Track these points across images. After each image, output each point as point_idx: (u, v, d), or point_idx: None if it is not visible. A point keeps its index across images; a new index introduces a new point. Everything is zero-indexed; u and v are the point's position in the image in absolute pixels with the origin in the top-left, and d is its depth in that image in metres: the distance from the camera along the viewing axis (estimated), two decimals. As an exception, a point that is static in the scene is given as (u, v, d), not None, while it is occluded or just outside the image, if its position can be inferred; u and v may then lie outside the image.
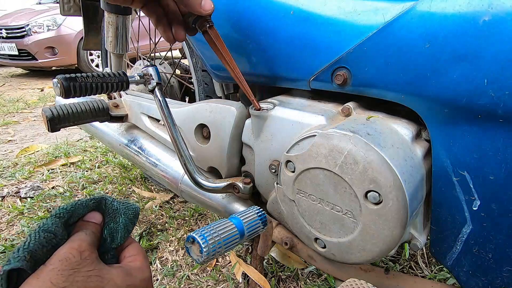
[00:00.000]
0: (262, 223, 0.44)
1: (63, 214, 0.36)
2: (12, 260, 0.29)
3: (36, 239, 0.31)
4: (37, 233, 0.32)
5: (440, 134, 0.44)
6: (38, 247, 0.31)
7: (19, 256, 0.30)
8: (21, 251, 0.30)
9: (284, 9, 0.55)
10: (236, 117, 0.62)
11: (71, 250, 0.31)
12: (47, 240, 0.32)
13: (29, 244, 0.31)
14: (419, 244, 0.50)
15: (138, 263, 0.37)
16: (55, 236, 0.33)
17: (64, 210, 0.36)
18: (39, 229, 0.33)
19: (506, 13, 0.35)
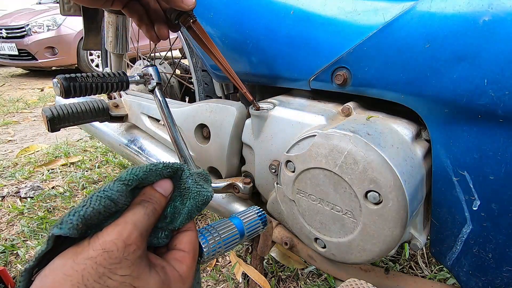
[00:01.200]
0: (262, 223, 0.44)
1: (132, 181, 0.30)
2: (64, 225, 0.26)
3: (95, 206, 0.27)
4: (98, 198, 0.28)
5: (440, 134, 0.44)
6: (94, 215, 0.27)
7: (72, 224, 0.26)
8: (76, 218, 0.26)
9: (284, 9, 0.55)
10: (236, 117, 0.62)
11: (118, 240, 0.27)
12: (106, 208, 0.28)
13: (86, 211, 0.27)
14: (419, 244, 0.50)
15: (183, 268, 0.32)
16: (116, 205, 0.29)
17: (135, 177, 0.31)
18: (102, 195, 0.28)
19: (506, 13, 0.35)
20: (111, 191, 0.29)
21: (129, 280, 0.26)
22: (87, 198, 0.28)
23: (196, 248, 0.34)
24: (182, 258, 0.32)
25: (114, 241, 0.26)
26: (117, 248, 0.26)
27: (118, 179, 0.30)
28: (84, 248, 0.26)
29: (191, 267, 0.32)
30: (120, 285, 0.26)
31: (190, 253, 0.33)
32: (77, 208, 0.27)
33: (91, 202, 0.27)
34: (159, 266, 0.30)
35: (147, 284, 0.27)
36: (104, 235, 0.27)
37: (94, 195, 0.28)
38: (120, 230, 0.27)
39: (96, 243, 0.26)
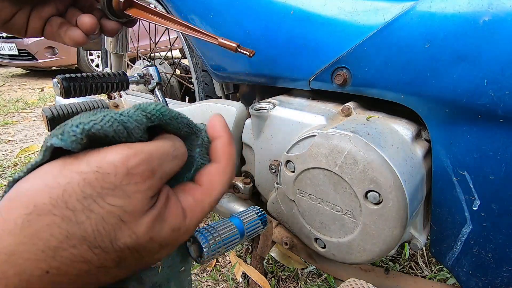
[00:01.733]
0: (262, 223, 0.44)
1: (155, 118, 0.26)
2: (66, 137, 0.21)
3: (104, 126, 0.22)
4: (111, 120, 0.23)
5: (440, 134, 0.44)
6: (100, 135, 0.23)
7: (76, 137, 0.21)
8: (80, 130, 0.22)
9: (284, 9, 0.55)
10: (236, 117, 0.62)
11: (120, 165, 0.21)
12: (115, 134, 0.23)
13: (93, 126, 0.22)
14: (419, 244, 0.50)
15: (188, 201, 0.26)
16: (129, 136, 0.24)
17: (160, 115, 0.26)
18: (117, 118, 0.23)
19: (506, 13, 0.35)
20: (129, 117, 0.24)
21: (119, 212, 0.21)
22: (100, 114, 0.23)
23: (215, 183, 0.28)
24: (190, 190, 0.27)
25: (114, 164, 0.21)
26: (115, 172, 0.21)
27: (141, 108, 0.25)
28: (78, 159, 0.21)
29: (200, 201, 0.26)
30: (106, 214, 0.21)
31: (203, 186, 0.27)
32: (83, 120, 0.22)
33: (102, 120, 0.23)
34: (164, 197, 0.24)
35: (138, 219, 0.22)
36: (106, 153, 0.22)
37: (108, 115, 0.23)
38: (128, 155, 0.22)
39: (93, 158, 0.21)
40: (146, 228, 0.22)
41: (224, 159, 0.29)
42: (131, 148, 0.22)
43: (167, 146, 0.25)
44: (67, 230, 0.20)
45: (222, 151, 0.29)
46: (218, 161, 0.29)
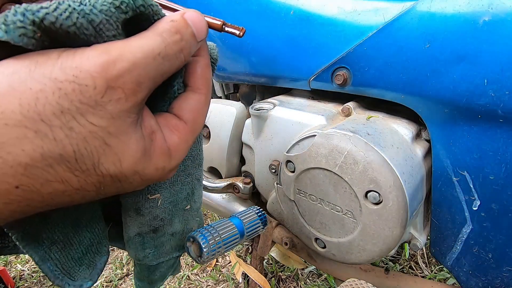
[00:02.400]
0: (262, 223, 0.44)
1: (127, 7, 0.20)
2: (11, 27, 0.17)
3: (60, 17, 0.18)
4: (69, 9, 0.18)
5: (440, 134, 0.44)
6: (58, 30, 0.18)
7: (26, 29, 0.17)
8: (29, 21, 0.17)
9: (284, 9, 0.55)
10: (236, 117, 0.62)
11: (99, 75, 0.18)
12: (78, 29, 0.18)
13: (45, 17, 0.17)
14: (419, 244, 0.50)
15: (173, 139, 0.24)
16: (97, 33, 0.19)
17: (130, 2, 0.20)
18: (76, 7, 0.18)
19: (506, 13, 0.35)
20: (92, 8, 0.19)
21: (102, 134, 0.19)
22: (54, 2, 0.18)
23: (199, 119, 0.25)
24: (175, 127, 0.24)
25: (92, 74, 0.18)
26: (94, 86, 0.18)
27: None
28: (50, 60, 0.18)
29: (185, 141, 0.24)
30: (89, 135, 0.18)
31: (188, 123, 0.25)
32: (31, 7, 0.17)
33: (56, 9, 0.18)
34: (148, 129, 0.22)
35: (124, 147, 0.20)
36: (82, 57, 0.18)
37: (64, 3, 0.18)
38: (106, 62, 0.18)
39: (68, 63, 0.18)
40: (132, 161, 0.21)
41: (205, 88, 0.26)
42: (109, 52, 0.18)
43: (154, 44, 0.20)
44: (42, 147, 0.17)
45: (202, 77, 0.26)
46: (199, 91, 0.25)
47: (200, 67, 0.26)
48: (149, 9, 0.22)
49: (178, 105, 0.25)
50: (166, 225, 0.34)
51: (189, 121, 0.25)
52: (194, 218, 0.37)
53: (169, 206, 0.34)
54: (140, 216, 0.32)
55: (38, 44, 0.18)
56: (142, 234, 0.33)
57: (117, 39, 0.20)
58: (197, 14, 0.23)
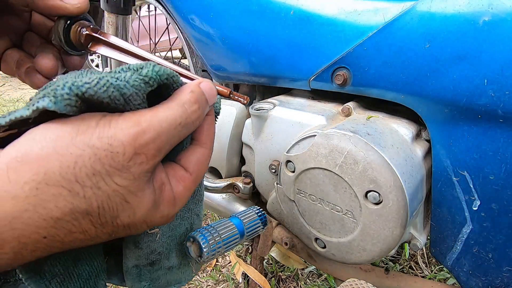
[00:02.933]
0: (262, 223, 0.44)
1: (154, 82, 0.24)
2: (59, 99, 0.20)
3: (98, 91, 0.21)
4: (106, 84, 0.22)
5: (440, 134, 0.44)
6: (95, 101, 0.21)
7: (70, 100, 0.20)
8: (72, 90, 0.20)
9: (284, 9, 0.55)
10: (236, 117, 0.62)
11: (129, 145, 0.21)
12: (111, 101, 0.22)
13: (86, 90, 0.21)
14: (419, 244, 0.50)
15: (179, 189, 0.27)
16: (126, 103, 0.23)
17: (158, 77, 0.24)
18: (113, 82, 0.22)
19: (506, 13, 0.35)
20: (126, 83, 0.22)
21: (123, 192, 0.22)
22: (94, 77, 0.22)
23: (202, 170, 0.28)
24: (181, 178, 0.27)
25: (124, 143, 0.21)
26: (124, 152, 0.21)
27: (138, 72, 0.23)
28: (89, 129, 0.21)
29: (188, 189, 0.27)
30: (112, 193, 0.21)
31: (193, 175, 0.28)
32: (77, 82, 0.21)
33: (97, 84, 0.21)
34: (159, 182, 0.25)
35: (139, 202, 0.23)
36: (117, 128, 0.21)
37: (103, 78, 0.22)
38: (136, 133, 0.21)
39: (105, 132, 0.21)
40: (144, 212, 0.24)
41: (210, 143, 0.29)
42: (139, 123, 0.22)
43: (177, 115, 0.24)
44: (72, 203, 0.20)
45: (208, 133, 0.29)
46: (204, 146, 0.29)
47: (207, 124, 0.29)
48: (171, 80, 0.25)
49: (185, 157, 0.28)
50: (163, 259, 0.35)
51: (194, 172, 0.28)
52: None
53: (167, 241, 0.34)
54: (138, 249, 0.32)
55: (77, 110, 0.21)
56: (139, 266, 0.34)
57: (141, 107, 0.24)
58: (209, 83, 0.28)
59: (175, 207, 0.26)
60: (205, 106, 0.27)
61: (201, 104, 0.26)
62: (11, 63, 0.37)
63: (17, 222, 0.19)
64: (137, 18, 1.25)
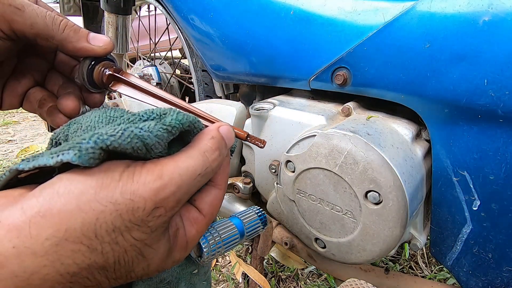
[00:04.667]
0: (262, 223, 0.44)
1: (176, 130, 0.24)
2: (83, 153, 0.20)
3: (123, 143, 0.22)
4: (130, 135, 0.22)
5: (440, 134, 0.44)
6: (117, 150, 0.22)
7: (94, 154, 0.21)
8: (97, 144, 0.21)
9: (284, 9, 0.55)
10: (236, 117, 0.62)
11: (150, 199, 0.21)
12: (134, 150, 0.22)
13: (111, 141, 0.21)
14: (419, 244, 0.50)
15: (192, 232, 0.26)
16: (148, 152, 0.23)
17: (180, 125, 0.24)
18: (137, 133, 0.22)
19: (506, 13, 0.35)
20: (149, 133, 0.23)
21: (140, 246, 0.22)
22: (119, 129, 0.22)
23: (215, 212, 0.28)
24: (195, 220, 0.27)
25: (145, 199, 0.21)
26: (144, 207, 0.21)
27: (162, 121, 0.24)
28: (112, 182, 0.21)
29: (201, 232, 0.27)
30: (129, 248, 0.22)
31: (206, 217, 0.27)
32: (102, 134, 0.21)
33: (122, 136, 0.22)
34: (174, 228, 0.25)
35: (155, 255, 0.23)
36: (139, 182, 0.21)
37: (127, 129, 0.22)
38: (158, 188, 0.22)
39: (128, 187, 0.21)
40: (158, 263, 0.24)
41: (224, 184, 0.29)
42: (162, 177, 0.22)
43: (198, 165, 0.24)
44: (90, 259, 0.20)
45: (223, 175, 0.29)
46: (219, 187, 0.28)
47: (223, 166, 0.29)
48: (192, 126, 0.26)
49: (200, 198, 0.27)
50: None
51: (208, 214, 0.27)
52: (201, 282, 0.37)
53: (177, 270, 0.34)
54: (148, 280, 0.32)
55: (99, 161, 0.22)
56: None
57: (162, 153, 0.24)
58: (228, 127, 0.28)
59: (187, 251, 0.27)
60: (225, 151, 0.27)
61: (221, 151, 0.26)
62: (34, 102, 0.38)
63: (35, 278, 0.19)
64: (137, 18, 1.25)
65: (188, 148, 0.25)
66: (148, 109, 0.26)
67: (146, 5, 1.22)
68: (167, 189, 0.22)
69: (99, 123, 0.25)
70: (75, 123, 0.25)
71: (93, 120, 0.25)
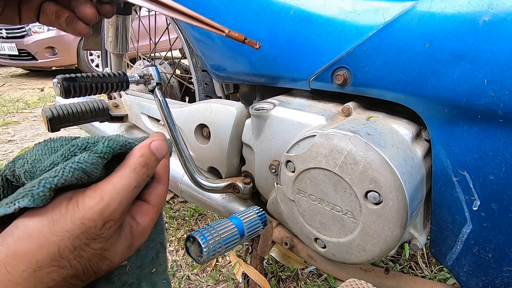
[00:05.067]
0: (262, 223, 0.44)
1: (108, 155, 0.28)
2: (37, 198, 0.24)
3: (67, 178, 0.25)
4: (71, 170, 0.26)
5: (440, 134, 0.44)
6: (64, 185, 0.26)
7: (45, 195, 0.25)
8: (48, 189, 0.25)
9: (284, 9, 0.55)
10: (236, 117, 0.62)
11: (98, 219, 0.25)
12: (78, 180, 0.26)
13: (57, 181, 0.25)
14: (419, 244, 0.50)
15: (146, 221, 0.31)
16: (89, 178, 0.27)
17: (111, 150, 0.28)
18: (75, 166, 0.26)
19: (506, 13, 0.35)
20: (86, 163, 0.27)
21: (100, 252, 0.27)
22: (59, 168, 0.26)
23: (162, 203, 0.33)
24: (147, 211, 0.31)
25: (94, 219, 0.25)
26: (95, 225, 0.25)
27: (93, 151, 0.28)
28: (61, 216, 0.25)
29: (153, 219, 0.32)
30: (92, 256, 0.26)
31: (155, 207, 0.32)
32: (47, 178, 0.25)
33: (64, 173, 0.25)
34: (128, 227, 0.29)
35: (115, 253, 0.28)
36: (84, 208, 0.25)
37: (67, 166, 0.26)
38: (102, 208, 0.26)
39: (76, 216, 0.25)
40: (120, 256, 0.29)
41: (167, 179, 0.34)
42: (103, 199, 0.26)
43: (131, 181, 0.28)
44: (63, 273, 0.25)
45: (164, 171, 0.34)
46: (163, 183, 0.34)
47: (164, 165, 0.34)
48: (124, 148, 0.30)
49: (148, 193, 0.32)
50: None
51: (156, 204, 0.32)
52: (161, 280, 0.38)
53: (137, 271, 0.35)
54: (110, 284, 0.33)
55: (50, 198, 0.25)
56: None
57: (99, 175, 0.28)
58: (160, 142, 0.31)
59: (144, 236, 0.31)
60: (155, 164, 0.31)
61: (150, 165, 0.30)
62: (50, 15, 0.42)
63: None
64: (137, 18, 1.25)
65: (120, 167, 0.29)
66: (84, 137, 0.30)
67: (146, 5, 1.22)
68: (110, 207, 0.26)
69: (43, 155, 0.29)
70: (20, 159, 0.29)
71: (36, 153, 0.29)
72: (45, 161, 0.28)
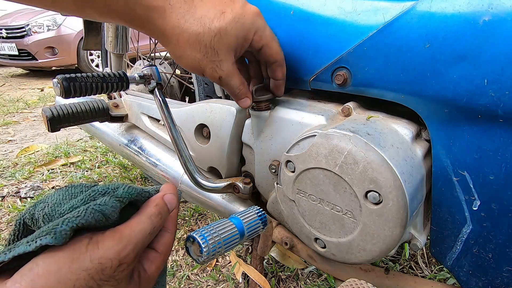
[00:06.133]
0: (262, 223, 0.44)
1: (127, 200, 0.31)
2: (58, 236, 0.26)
3: (88, 218, 0.27)
4: (92, 211, 0.28)
5: (440, 134, 0.44)
6: (83, 226, 0.27)
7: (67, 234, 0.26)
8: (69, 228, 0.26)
9: (284, 9, 0.55)
10: (236, 117, 0.62)
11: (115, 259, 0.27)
12: (97, 221, 0.28)
13: (79, 221, 0.27)
14: (419, 244, 0.50)
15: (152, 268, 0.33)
16: (107, 220, 0.29)
17: (129, 196, 0.31)
18: (97, 208, 0.28)
19: (506, 13, 0.35)
20: (106, 206, 0.29)
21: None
22: (82, 209, 0.28)
23: (169, 251, 0.35)
24: (154, 259, 0.33)
25: (111, 259, 0.27)
26: (111, 265, 0.27)
27: (114, 195, 0.31)
28: (81, 255, 0.27)
29: (159, 267, 0.34)
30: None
31: (162, 255, 0.34)
32: (70, 218, 0.27)
33: (85, 214, 0.27)
34: (137, 273, 0.31)
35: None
36: (104, 248, 0.27)
37: (89, 207, 0.28)
38: (120, 249, 0.28)
39: (95, 255, 0.27)
40: None
41: (174, 228, 0.36)
42: (121, 241, 0.28)
43: (147, 227, 0.31)
44: None
45: (173, 221, 0.36)
46: (170, 231, 0.36)
47: (173, 216, 0.36)
48: (140, 197, 0.33)
49: (156, 241, 0.34)
50: None
51: (163, 252, 0.34)
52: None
53: None
54: None
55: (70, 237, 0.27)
56: None
57: (116, 219, 0.30)
58: (171, 196, 0.36)
59: (150, 283, 0.33)
60: (167, 213, 0.34)
61: (163, 214, 0.34)
62: None
63: None
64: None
65: (138, 214, 0.32)
66: (104, 184, 0.32)
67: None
68: (127, 248, 0.28)
69: (63, 200, 0.30)
70: (41, 203, 0.30)
71: (57, 198, 0.31)
72: (64, 205, 0.30)
